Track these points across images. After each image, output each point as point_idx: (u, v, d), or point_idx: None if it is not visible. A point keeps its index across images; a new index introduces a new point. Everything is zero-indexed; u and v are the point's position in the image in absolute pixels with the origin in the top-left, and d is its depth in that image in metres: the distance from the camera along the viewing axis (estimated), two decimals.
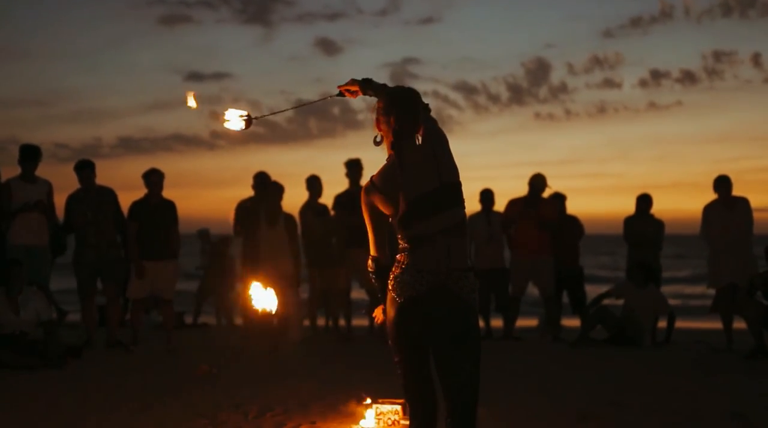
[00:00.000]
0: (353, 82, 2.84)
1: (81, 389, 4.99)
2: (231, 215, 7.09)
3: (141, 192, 6.79)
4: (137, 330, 6.79)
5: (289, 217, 6.58)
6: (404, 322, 2.53)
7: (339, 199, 7.41)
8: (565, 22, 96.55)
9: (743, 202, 7.23)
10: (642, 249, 7.70)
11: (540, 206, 7.57)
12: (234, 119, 2.90)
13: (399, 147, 2.55)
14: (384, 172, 2.60)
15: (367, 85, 2.79)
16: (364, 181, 7.90)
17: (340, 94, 2.92)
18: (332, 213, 7.44)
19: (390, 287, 2.58)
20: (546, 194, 7.69)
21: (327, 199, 7.53)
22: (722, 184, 7.23)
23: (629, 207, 7.81)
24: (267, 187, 6.71)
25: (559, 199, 7.83)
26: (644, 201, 7.81)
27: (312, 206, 7.40)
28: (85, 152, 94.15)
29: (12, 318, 5.83)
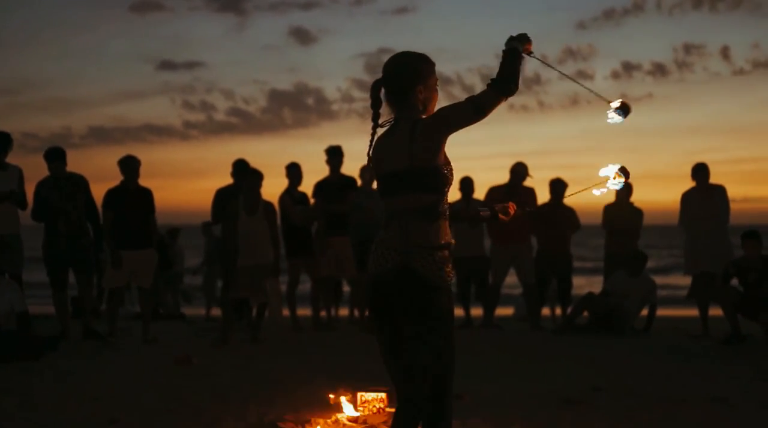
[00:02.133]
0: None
1: (60, 381, 4.89)
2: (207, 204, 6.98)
3: (112, 182, 6.65)
4: (114, 321, 6.66)
5: (268, 205, 6.50)
6: (371, 300, 2.48)
7: (319, 187, 7.34)
8: (539, 13, 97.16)
9: (720, 190, 7.30)
10: (621, 237, 7.75)
11: (520, 194, 7.58)
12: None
13: (375, 116, 2.48)
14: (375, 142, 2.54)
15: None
16: (345, 168, 7.65)
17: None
18: (312, 201, 7.37)
19: None
20: (529, 182, 7.70)
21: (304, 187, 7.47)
22: (700, 171, 7.31)
23: (602, 197, 7.84)
24: (246, 175, 6.61)
25: (559, 184, 7.81)
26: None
27: (291, 194, 7.32)
28: (54, 142, 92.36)
29: None
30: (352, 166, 9.30)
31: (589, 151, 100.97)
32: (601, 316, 7.30)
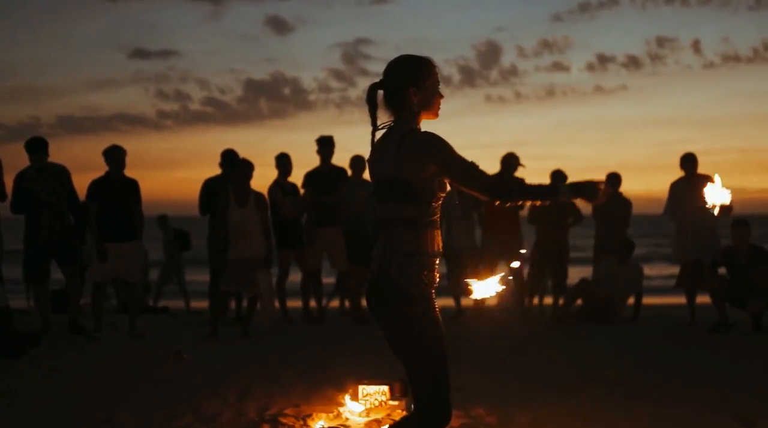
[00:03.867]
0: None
1: (46, 379, 4.74)
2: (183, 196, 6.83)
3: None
4: (99, 316, 6.49)
5: (259, 196, 6.37)
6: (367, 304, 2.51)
7: (310, 177, 7.23)
8: (515, 5, 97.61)
9: (708, 179, 7.32)
10: (610, 227, 7.80)
11: None
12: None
13: (373, 119, 2.44)
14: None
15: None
16: (335, 159, 7.50)
17: None
18: (302, 191, 7.26)
19: None
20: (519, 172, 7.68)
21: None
22: (688, 161, 7.35)
23: None
24: (236, 165, 6.48)
25: (560, 176, 7.80)
26: (613, 179, 7.89)
27: (281, 185, 7.20)
28: (21, 131, 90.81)
29: None
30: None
31: (564, 141, 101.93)
32: (593, 305, 7.34)
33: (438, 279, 2.45)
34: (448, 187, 2.47)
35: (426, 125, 2.47)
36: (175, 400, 4.16)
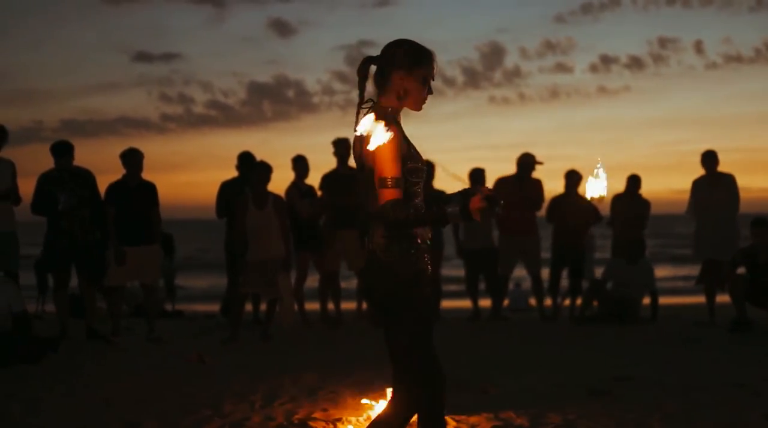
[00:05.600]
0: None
1: (65, 384, 4.68)
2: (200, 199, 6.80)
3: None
4: (117, 320, 6.45)
5: (277, 199, 6.33)
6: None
7: (327, 179, 7.19)
8: (517, 6, 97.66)
9: (728, 178, 7.30)
10: (628, 227, 7.76)
11: (527, 185, 7.55)
12: None
13: (361, 92, 2.42)
14: None
15: None
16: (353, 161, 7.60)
17: None
18: (319, 193, 7.22)
19: None
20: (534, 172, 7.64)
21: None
22: (708, 158, 7.30)
23: (579, 188, 7.86)
24: (253, 168, 6.44)
25: (574, 176, 7.76)
26: (634, 181, 7.88)
27: (299, 187, 7.17)
28: (25, 135, 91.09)
29: None
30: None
31: (568, 142, 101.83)
32: (611, 305, 7.31)
33: (428, 259, 2.42)
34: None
35: (409, 118, 2.46)
36: (201, 405, 4.11)
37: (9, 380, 4.76)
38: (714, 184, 7.26)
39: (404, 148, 2.35)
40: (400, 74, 2.37)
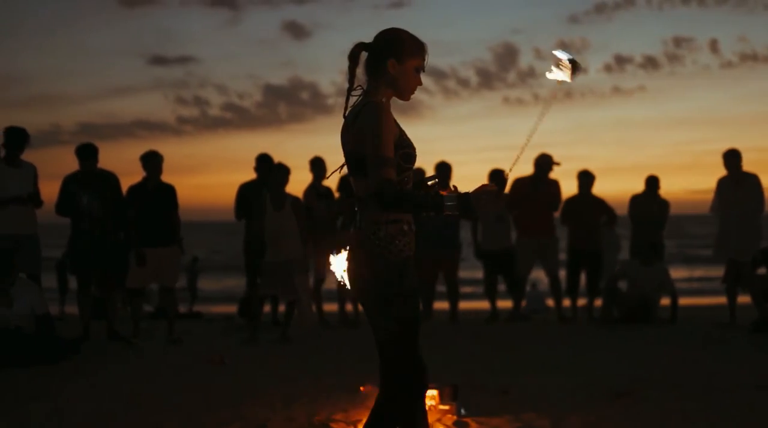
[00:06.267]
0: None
1: (87, 385, 4.73)
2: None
3: None
4: (137, 322, 6.51)
5: (295, 200, 6.36)
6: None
7: (344, 181, 7.21)
8: (531, 7, 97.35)
9: (752, 178, 7.21)
10: (646, 227, 7.73)
11: (544, 186, 7.53)
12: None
13: (351, 77, 2.43)
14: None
15: None
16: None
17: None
18: (337, 195, 7.24)
19: None
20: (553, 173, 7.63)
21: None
22: (730, 157, 7.22)
23: (594, 189, 7.83)
24: (271, 170, 6.47)
25: (587, 176, 7.73)
26: (652, 181, 7.84)
27: (316, 188, 7.19)
28: (43, 139, 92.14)
29: (5, 312, 5.50)
30: None
31: (582, 143, 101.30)
32: (630, 306, 7.27)
33: (412, 246, 2.41)
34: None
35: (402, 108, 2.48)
36: (222, 406, 4.13)
37: (32, 381, 4.81)
38: (738, 184, 7.17)
39: (397, 133, 2.35)
40: (392, 62, 2.37)
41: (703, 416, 3.86)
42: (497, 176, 7.49)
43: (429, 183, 2.46)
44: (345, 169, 2.51)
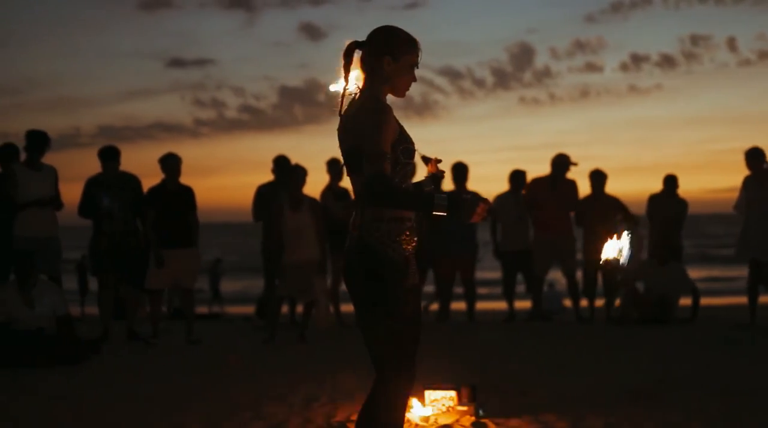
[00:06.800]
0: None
1: (108, 385, 4.78)
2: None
3: None
4: (157, 323, 6.56)
5: (313, 202, 6.38)
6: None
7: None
8: (547, 6, 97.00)
9: None
10: (664, 227, 7.68)
11: (562, 186, 7.51)
12: None
13: (345, 76, 2.44)
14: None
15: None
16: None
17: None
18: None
19: None
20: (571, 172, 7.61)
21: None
22: (752, 156, 7.12)
23: (610, 189, 7.86)
24: (288, 171, 6.50)
25: (599, 175, 7.70)
26: (671, 181, 7.79)
27: (333, 189, 7.21)
28: (63, 142, 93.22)
29: (27, 313, 5.58)
30: None
31: (598, 142, 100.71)
32: (649, 306, 7.22)
33: (411, 245, 2.39)
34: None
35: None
36: (241, 407, 4.15)
37: (53, 381, 4.86)
38: (762, 183, 7.07)
39: (397, 129, 2.36)
40: (388, 60, 2.39)
41: (724, 417, 3.82)
42: (518, 177, 7.51)
43: (426, 189, 2.46)
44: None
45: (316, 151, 25.68)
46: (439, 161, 2.51)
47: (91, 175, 6.55)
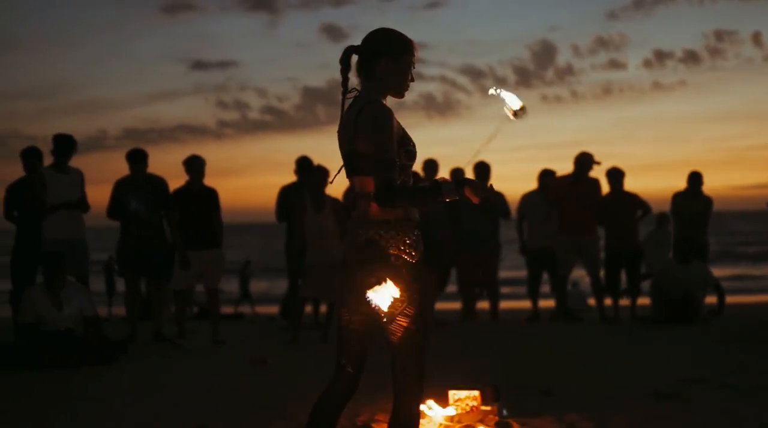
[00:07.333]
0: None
1: (135, 385, 4.84)
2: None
3: None
4: (182, 323, 6.64)
5: (336, 202, 6.41)
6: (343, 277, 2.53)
7: None
8: (569, 3, 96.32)
9: None
10: (689, 224, 7.61)
11: (584, 184, 7.47)
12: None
13: (344, 82, 2.45)
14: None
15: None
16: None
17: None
18: None
19: None
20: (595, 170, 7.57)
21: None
22: None
23: (634, 186, 7.82)
24: (311, 172, 6.54)
25: (617, 173, 7.66)
26: (695, 178, 7.72)
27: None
28: (89, 144, 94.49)
29: (55, 314, 5.67)
30: None
31: (622, 140, 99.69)
32: (675, 305, 7.15)
33: (418, 246, 2.39)
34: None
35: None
36: (266, 407, 4.19)
37: (81, 381, 4.94)
38: None
39: (400, 132, 2.38)
40: (387, 61, 2.39)
41: (752, 417, 3.78)
42: (546, 177, 7.48)
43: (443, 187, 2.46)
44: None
45: (338, 151, 25.66)
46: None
47: (118, 177, 6.66)
